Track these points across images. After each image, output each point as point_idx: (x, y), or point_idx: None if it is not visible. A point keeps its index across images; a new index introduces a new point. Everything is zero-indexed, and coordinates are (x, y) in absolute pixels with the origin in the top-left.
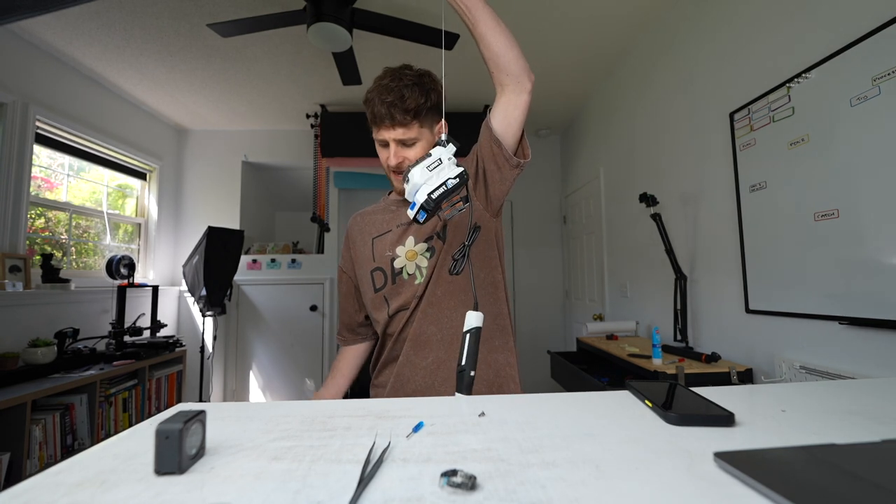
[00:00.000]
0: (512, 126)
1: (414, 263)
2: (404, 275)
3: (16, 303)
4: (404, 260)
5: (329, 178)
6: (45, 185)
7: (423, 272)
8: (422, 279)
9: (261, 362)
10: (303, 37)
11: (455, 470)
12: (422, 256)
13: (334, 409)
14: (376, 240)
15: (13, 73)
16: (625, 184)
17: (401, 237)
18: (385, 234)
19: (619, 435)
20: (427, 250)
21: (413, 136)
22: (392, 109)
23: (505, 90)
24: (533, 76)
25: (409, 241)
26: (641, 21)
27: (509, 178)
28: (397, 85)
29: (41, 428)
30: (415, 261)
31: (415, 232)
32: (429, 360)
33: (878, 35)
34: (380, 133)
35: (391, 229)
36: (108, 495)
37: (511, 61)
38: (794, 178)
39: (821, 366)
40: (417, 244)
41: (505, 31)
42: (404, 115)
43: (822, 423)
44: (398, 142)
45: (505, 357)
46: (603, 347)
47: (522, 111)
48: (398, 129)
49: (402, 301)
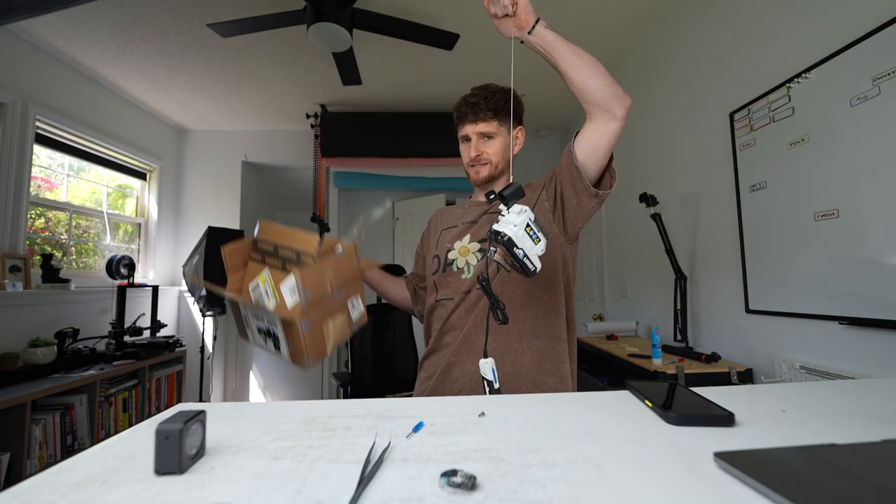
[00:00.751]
0: (597, 153)
1: (465, 259)
2: (454, 267)
3: (16, 303)
4: (457, 253)
5: (329, 178)
6: (45, 185)
7: (470, 269)
8: (468, 275)
9: (261, 362)
10: (303, 37)
11: (455, 470)
12: (473, 255)
13: (334, 409)
14: (444, 231)
15: (13, 73)
16: (625, 184)
17: (462, 233)
18: (452, 228)
19: (619, 435)
20: (479, 250)
21: (492, 130)
22: (475, 107)
23: (592, 118)
24: (628, 101)
25: (466, 238)
26: (641, 21)
27: (587, 206)
28: (482, 91)
29: (41, 428)
30: (466, 257)
31: (474, 231)
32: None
33: (878, 35)
34: (463, 129)
35: (457, 224)
36: (108, 495)
37: (596, 92)
38: (794, 178)
39: (821, 366)
40: (472, 242)
41: (588, 63)
42: (485, 111)
43: (822, 423)
44: (479, 135)
45: (554, 382)
46: (603, 347)
47: (609, 139)
48: (479, 124)
49: (448, 292)
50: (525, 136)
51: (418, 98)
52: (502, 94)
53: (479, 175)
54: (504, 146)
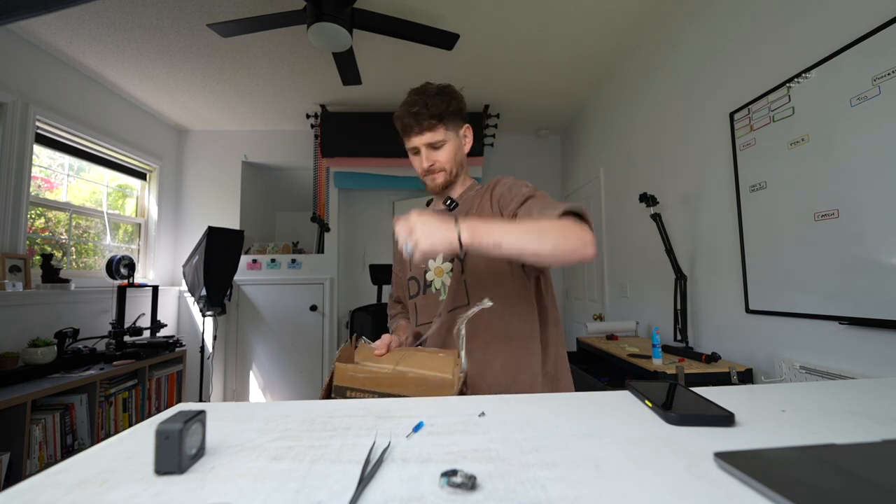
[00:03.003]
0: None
1: (441, 280)
2: (433, 288)
3: (16, 303)
4: (433, 274)
5: (329, 178)
6: (45, 185)
7: (444, 290)
8: (443, 297)
9: (261, 362)
10: (303, 37)
11: (455, 470)
12: (447, 275)
13: (334, 409)
14: None
15: (13, 73)
16: (625, 184)
17: None
18: None
19: (619, 435)
20: (450, 271)
21: (440, 138)
22: (418, 118)
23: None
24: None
25: (439, 258)
26: (642, 21)
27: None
28: (420, 97)
29: (41, 428)
30: (441, 277)
31: None
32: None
33: (878, 35)
34: (411, 141)
35: None
36: (108, 495)
37: (563, 259)
38: (794, 178)
39: (821, 366)
40: (444, 262)
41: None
42: (430, 119)
43: (822, 423)
44: (428, 146)
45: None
46: (603, 347)
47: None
48: (426, 134)
49: (427, 315)
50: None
51: None
52: (442, 97)
53: (435, 183)
54: (455, 149)
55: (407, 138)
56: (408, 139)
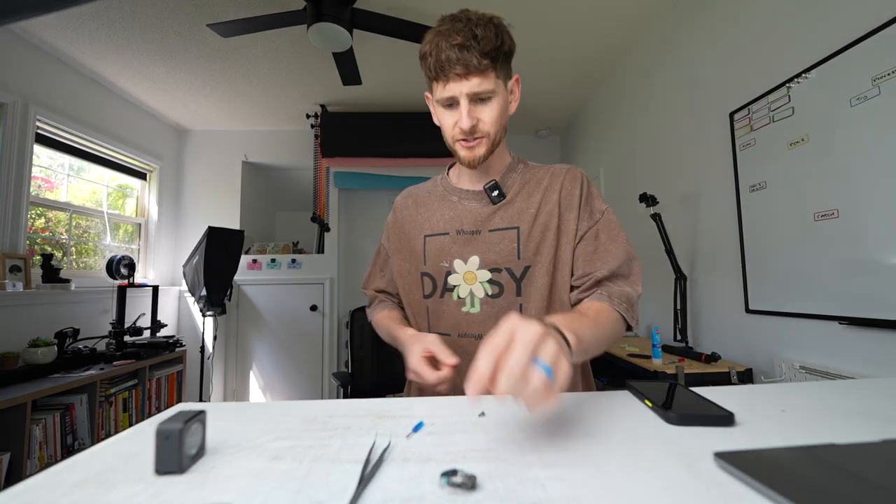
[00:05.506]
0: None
1: (469, 288)
2: (455, 295)
3: (16, 303)
4: (460, 279)
5: (329, 178)
6: (45, 185)
7: (476, 303)
8: (474, 310)
9: (261, 362)
10: (303, 37)
11: (455, 470)
12: (480, 285)
13: (334, 409)
14: (429, 239)
15: (13, 73)
16: (625, 184)
17: (463, 250)
18: (440, 237)
19: (619, 435)
20: (490, 282)
21: (490, 87)
22: (465, 52)
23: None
24: (635, 320)
25: (473, 262)
26: (641, 21)
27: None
28: (466, 25)
29: (41, 428)
30: (471, 286)
31: (483, 251)
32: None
33: (878, 35)
34: (447, 87)
35: (448, 232)
36: (108, 495)
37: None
38: (794, 178)
39: (821, 366)
40: (481, 269)
41: (608, 337)
42: (481, 58)
43: (822, 423)
44: (473, 96)
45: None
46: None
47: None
48: (473, 79)
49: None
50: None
51: (418, 98)
52: (496, 29)
53: (474, 154)
54: (503, 108)
55: (441, 83)
56: (443, 84)
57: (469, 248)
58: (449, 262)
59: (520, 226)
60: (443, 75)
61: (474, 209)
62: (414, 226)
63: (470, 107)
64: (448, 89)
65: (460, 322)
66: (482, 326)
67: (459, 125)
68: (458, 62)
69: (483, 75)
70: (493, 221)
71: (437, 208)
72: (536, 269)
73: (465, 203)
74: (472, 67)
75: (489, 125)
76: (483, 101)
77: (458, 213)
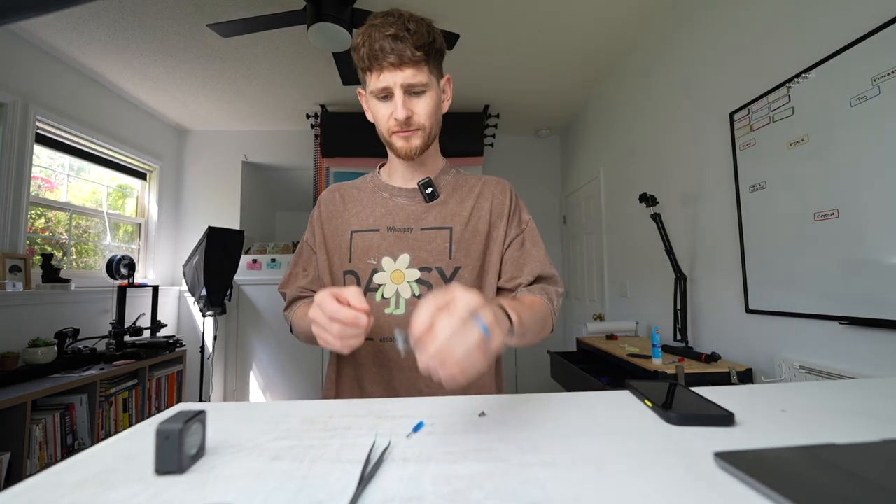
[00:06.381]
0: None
1: (395, 288)
2: (379, 295)
3: (16, 303)
4: (387, 278)
5: (329, 178)
6: (45, 185)
7: (402, 304)
8: (394, 311)
9: (261, 362)
10: (303, 37)
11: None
12: (408, 285)
13: (334, 409)
14: (357, 235)
15: (13, 73)
16: (625, 184)
17: (393, 247)
18: (369, 233)
19: (619, 435)
20: (418, 282)
21: (424, 80)
22: (398, 43)
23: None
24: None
25: (403, 259)
26: (642, 21)
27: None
28: (399, 20)
29: (41, 428)
30: (398, 285)
31: (414, 248)
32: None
33: (878, 35)
34: (381, 78)
35: (378, 229)
36: (108, 495)
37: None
38: (794, 178)
39: (821, 366)
40: (410, 267)
41: (540, 329)
42: (414, 49)
43: (822, 423)
44: (407, 88)
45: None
46: (603, 347)
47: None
48: (407, 70)
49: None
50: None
51: None
52: (427, 27)
53: (410, 144)
54: (436, 103)
55: (374, 73)
56: (376, 74)
57: (400, 246)
58: (377, 259)
59: (453, 226)
60: (376, 64)
61: (406, 206)
62: (341, 221)
63: (405, 98)
64: (382, 80)
65: (383, 325)
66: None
67: (395, 115)
68: (392, 52)
69: (416, 67)
70: (427, 220)
71: (366, 204)
72: (466, 271)
73: (396, 200)
74: (405, 58)
75: (424, 118)
76: (417, 94)
77: (389, 209)
